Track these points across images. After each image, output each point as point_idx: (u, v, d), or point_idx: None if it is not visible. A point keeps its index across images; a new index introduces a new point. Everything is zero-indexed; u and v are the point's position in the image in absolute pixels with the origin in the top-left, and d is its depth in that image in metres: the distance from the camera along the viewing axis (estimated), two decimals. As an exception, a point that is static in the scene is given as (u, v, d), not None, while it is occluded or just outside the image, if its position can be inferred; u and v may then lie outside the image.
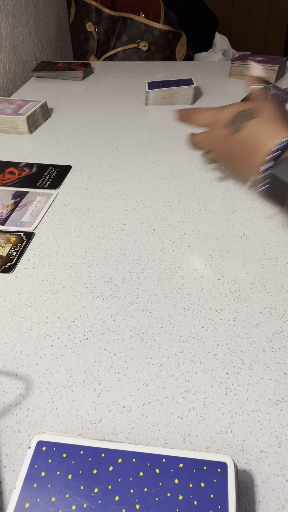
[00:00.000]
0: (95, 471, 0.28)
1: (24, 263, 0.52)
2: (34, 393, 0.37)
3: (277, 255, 0.51)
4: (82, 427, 0.35)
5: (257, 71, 0.48)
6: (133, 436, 0.34)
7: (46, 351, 0.41)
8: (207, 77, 1.15)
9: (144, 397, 0.37)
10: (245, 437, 0.34)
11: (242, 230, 0.56)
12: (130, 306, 0.45)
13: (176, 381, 0.38)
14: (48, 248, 0.54)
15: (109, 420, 0.35)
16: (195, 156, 0.75)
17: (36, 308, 0.46)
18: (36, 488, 0.28)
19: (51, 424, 0.35)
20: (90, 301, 0.46)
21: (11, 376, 0.39)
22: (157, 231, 0.56)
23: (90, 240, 0.55)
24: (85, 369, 0.39)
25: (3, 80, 1.13)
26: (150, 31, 1.35)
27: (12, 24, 1.15)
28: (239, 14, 2.30)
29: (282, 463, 0.32)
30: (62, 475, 0.28)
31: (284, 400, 0.36)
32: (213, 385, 0.37)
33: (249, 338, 0.41)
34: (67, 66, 1.18)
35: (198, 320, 0.43)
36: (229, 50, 1.70)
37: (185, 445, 0.33)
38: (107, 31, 1.39)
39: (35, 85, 1.14)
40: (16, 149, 0.80)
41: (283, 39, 2.36)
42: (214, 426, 0.34)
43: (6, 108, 0.88)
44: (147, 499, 0.27)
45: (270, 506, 0.30)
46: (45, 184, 0.68)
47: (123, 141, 0.82)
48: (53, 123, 0.91)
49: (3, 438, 0.34)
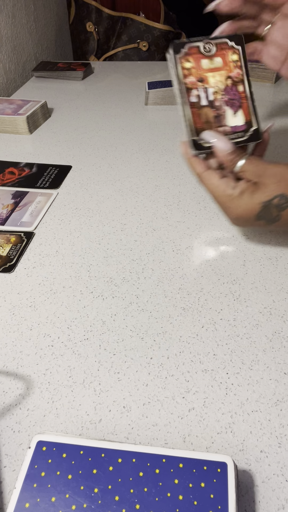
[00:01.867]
0: (95, 471, 0.28)
1: (24, 263, 0.52)
2: (34, 393, 0.37)
3: (277, 255, 0.51)
4: (82, 427, 0.35)
5: (220, 144, 0.45)
6: (133, 436, 0.34)
7: (46, 351, 0.41)
8: (207, 77, 1.15)
9: (144, 397, 0.37)
10: (245, 437, 0.34)
11: (242, 230, 0.56)
12: (130, 306, 0.45)
13: (176, 381, 0.38)
14: (48, 248, 0.54)
15: (109, 420, 0.35)
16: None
17: (36, 308, 0.46)
18: (36, 488, 0.28)
19: (51, 424, 0.35)
20: (90, 301, 0.46)
21: (11, 376, 0.39)
22: (157, 231, 0.56)
23: (90, 240, 0.55)
24: (85, 369, 0.39)
25: (3, 80, 1.13)
26: (150, 31, 1.35)
27: (12, 24, 1.15)
28: (239, 14, 2.30)
29: (282, 463, 0.32)
30: (62, 475, 0.28)
31: (284, 400, 0.36)
32: (213, 385, 0.37)
33: (249, 338, 0.41)
34: (67, 66, 1.18)
35: (198, 320, 0.43)
36: (229, 50, 1.70)
37: (185, 445, 0.33)
38: (107, 31, 1.39)
39: (35, 85, 1.14)
40: (16, 149, 0.80)
41: (283, 39, 2.35)
42: (214, 426, 0.34)
43: (6, 108, 0.88)
44: (147, 499, 0.27)
45: (270, 506, 0.30)
46: (45, 184, 0.68)
47: (123, 141, 0.82)
48: (53, 123, 0.91)
49: (3, 438, 0.34)
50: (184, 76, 0.46)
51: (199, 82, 0.46)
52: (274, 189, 0.42)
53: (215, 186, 0.45)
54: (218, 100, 0.46)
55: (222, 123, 0.47)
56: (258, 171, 0.43)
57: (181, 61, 0.45)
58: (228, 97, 0.47)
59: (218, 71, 0.47)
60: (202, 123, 0.46)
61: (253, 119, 0.48)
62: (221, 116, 0.47)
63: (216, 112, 0.46)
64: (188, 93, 0.46)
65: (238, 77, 0.47)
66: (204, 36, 0.47)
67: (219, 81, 0.47)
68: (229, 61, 0.47)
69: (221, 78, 0.47)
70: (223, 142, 0.45)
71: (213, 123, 0.46)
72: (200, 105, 0.46)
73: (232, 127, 0.47)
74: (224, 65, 0.47)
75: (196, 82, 0.46)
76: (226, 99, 0.47)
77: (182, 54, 0.45)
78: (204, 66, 0.46)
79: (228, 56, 0.47)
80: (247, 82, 0.47)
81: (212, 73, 0.46)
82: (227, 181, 0.45)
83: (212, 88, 0.46)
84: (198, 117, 0.46)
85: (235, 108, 0.47)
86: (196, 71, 0.46)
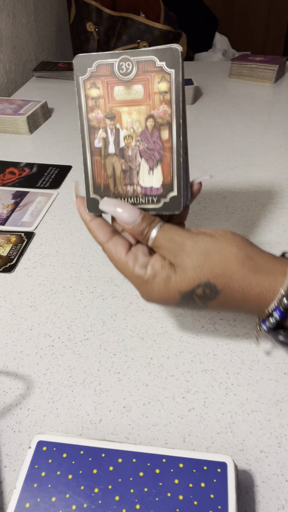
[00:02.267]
0: (95, 471, 0.28)
1: (25, 263, 0.52)
2: (35, 393, 0.37)
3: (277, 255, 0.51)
4: (82, 427, 0.35)
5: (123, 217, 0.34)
6: (133, 436, 0.34)
7: (47, 351, 0.41)
8: (207, 77, 1.15)
9: (144, 397, 0.37)
10: (245, 437, 0.34)
11: (242, 230, 0.56)
12: (131, 306, 0.45)
13: (176, 381, 0.38)
14: (48, 248, 0.54)
15: (109, 420, 0.35)
16: (195, 156, 0.75)
17: (37, 308, 0.46)
18: (36, 488, 0.28)
19: (51, 424, 0.35)
20: (91, 301, 0.46)
21: (11, 376, 0.39)
22: (157, 231, 0.56)
23: (90, 240, 0.55)
24: (85, 369, 0.39)
25: (3, 80, 1.13)
26: (150, 31, 1.35)
27: (12, 24, 1.15)
28: (239, 14, 2.30)
29: (282, 463, 0.32)
30: (63, 475, 0.28)
31: (284, 400, 0.36)
32: (213, 385, 0.37)
33: (249, 338, 0.41)
34: (67, 66, 1.18)
35: (198, 320, 0.43)
36: (229, 50, 1.70)
37: (185, 445, 0.33)
38: (107, 31, 1.39)
39: (35, 85, 1.14)
40: (16, 149, 0.80)
41: (283, 39, 2.36)
42: (214, 426, 0.34)
43: (6, 108, 0.88)
44: (147, 499, 0.27)
45: (270, 506, 0.30)
46: (45, 184, 0.68)
47: (123, 141, 0.82)
48: (53, 123, 0.91)
49: (3, 438, 0.34)
50: (88, 109, 0.33)
51: (108, 119, 0.33)
52: (196, 276, 0.32)
53: (121, 263, 0.34)
54: (131, 148, 0.34)
55: (132, 181, 0.34)
56: (174, 248, 0.32)
57: (85, 86, 0.33)
58: (146, 146, 0.33)
59: (136, 105, 0.32)
60: (106, 177, 0.34)
61: (175, 182, 0.34)
62: (132, 171, 0.34)
63: (126, 165, 0.34)
64: (91, 134, 0.34)
65: (163, 118, 0.32)
66: (123, 51, 0.32)
67: (136, 121, 0.33)
68: (154, 92, 0.32)
69: (139, 116, 0.33)
70: (127, 212, 0.33)
71: (120, 179, 0.34)
72: (106, 152, 0.34)
73: (144, 188, 0.34)
74: (146, 98, 0.32)
75: (103, 119, 0.33)
76: (142, 148, 0.33)
77: (87, 76, 0.32)
78: (118, 95, 0.32)
79: (154, 83, 0.32)
80: (176, 127, 0.32)
81: (127, 107, 0.33)
82: (135, 256, 0.34)
83: (125, 131, 0.33)
84: (101, 168, 0.34)
85: (152, 163, 0.33)
86: (105, 103, 0.33)
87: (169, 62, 0.31)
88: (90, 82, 0.33)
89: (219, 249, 0.32)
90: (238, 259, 0.32)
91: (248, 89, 1.06)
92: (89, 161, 0.34)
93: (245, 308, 0.33)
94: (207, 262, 0.31)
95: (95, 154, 0.34)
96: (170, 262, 0.33)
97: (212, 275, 0.31)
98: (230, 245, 0.32)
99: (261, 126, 0.86)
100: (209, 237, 0.32)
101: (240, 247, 0.32)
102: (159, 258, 0.33)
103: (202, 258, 0.32)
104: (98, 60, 0.32)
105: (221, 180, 0.67)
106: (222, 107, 0.96)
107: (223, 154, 0.76)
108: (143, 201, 0.35)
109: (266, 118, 0.89)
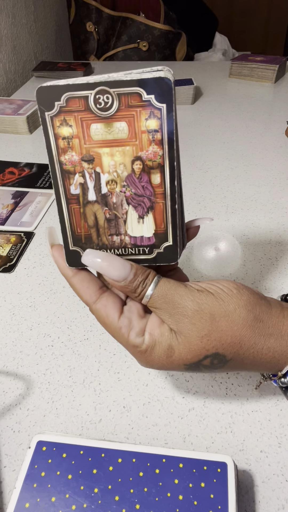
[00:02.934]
0: (95, 471, 0.28)
1: (24, 263, 0.52)
2: (34, 393, 0.37)
3: (277, 255, 0.51)
4: (82, 427, 0.35)
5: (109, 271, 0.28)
6: (133, 436, 0.34)
7: (46, 351, 0.41)
8: (207, 77, 1.15)
9: (144, 397, 0.37)
10: (245, 437, 0.34)
11: (242, 230, 0.56)
12: (130, 306, 0.45)
13: (176, 381, 0.38)
14: (48, 248, 0.54)
15: (109, 420, 0.35)
16: (195, 156, 0.75)
17: (36, 308, 0.46)
18: (36, 488, 0.28)
19: (51, 424, 0.35)
20: (90, 301, 0.46)
21: (11, 376, 0.39)
22: (157, 231, 0.56)
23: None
24: (85, 369, 0.39)
25: (3, 80, 1.13)
26: (150, 31, 1.35)
27: (12, 24, 1.15)
28: (239, 14, 2.30)
29: (282, 463, 0.32)
30: (62, 475, 0.28)
31: (284, 400, 0.36)
32: (213, 385, 0.37)
33: (249, 338, 0.41)
34: (67, 66, 1.18)
35: (198, 320, 0.43)
36: (229, 50, 1.70)
37: (185, 445, 0.33)
38: (107, 31, 1.39)
39: (35, 85, 1.14)
40: (16, 149, 0.80)
41: (283, 39, 2.36)
42: (214, 426, 0.34)
43: (6, 108, 0.88)
44: (147, 499, 0.27)
45: (270, 506, 0.30)
46: (45, 184, 0.68)
47: (123, 141, 0.82)
48: (53, 123, 0.91)
49: (3, 438, 0.34)
50: (59, 151, 0.28)
51: (85, 162, 0.28)
52: (202, 346, 0.27)
53: (113, 329, 0.29)
54: (115, 194, 0.29)
55: (119, 230, 0.30)
56: (174, 312, 0.28)
57: (53, 124, 0.27)
58: (133, 191, 0.28)
59: (120, 145, 0.27)
60: (87, 228, 0.30)
61: (170, 231, 0.29)
62: (118, 220, 0.29)
63: (111, 213, 0.29)
64: (66, 179, 0.28)
65: (154, 160, 0.27)
66: (99, 77, 0.26)
67: (120, 164, 0.28)
68: (141, 131, 0.27)
69: (124, 158, 0.28)
70: (116, 267, 0.28)
71: (104, 228, 0.30)
72: (85, 200, 0.29)
73: (134, 237, 0.30)
74: (131, 137, 0.27)
75: (79, 162, 0.28)
76: (129, 194, 0.29)
77: (55, 111, 0.27)
78: (96, 135, 0.27)
79: (140, 120, 0.26)
80: (170, 171, 0.28)
81: (108, 148, 0.27)
82: (129, 321, 0.29)
83: (107, 175, 0.28)
84: (80, 218, 0.29)
85: (141, 210, 0.29)
86: (81, 143, 0.27)
87: (158, 95, 0.26)
88: (59, 119, 0.27)
89: (226, 313, 0.28)
90: (248, 324, 0.28)
91: (248, 89, 1.06)
92: (65, 210, 0.29)
93: (255, 370, 0.30)
94: (215, 330, 0.27)
95: (72, 202, 0.29)
96: (170, 327, 0.28)
97: (221, 345, 0.28)
98: (238, 308, 0.28)
99: (261, 126, 0.86)
100: (213, 297, 0.28)
101: (248, 309, 0.28)
102: (157, 323, 0.29)
103: (209, 326, 0.27)
104: (68, 92, 0.26)
105: (221, 180, 0.67)
106: (222, 107, 0.96)
107: (223, 154, 0.76)
108: (133, 251, 0.30)
109: (266, 118, 0.89)
